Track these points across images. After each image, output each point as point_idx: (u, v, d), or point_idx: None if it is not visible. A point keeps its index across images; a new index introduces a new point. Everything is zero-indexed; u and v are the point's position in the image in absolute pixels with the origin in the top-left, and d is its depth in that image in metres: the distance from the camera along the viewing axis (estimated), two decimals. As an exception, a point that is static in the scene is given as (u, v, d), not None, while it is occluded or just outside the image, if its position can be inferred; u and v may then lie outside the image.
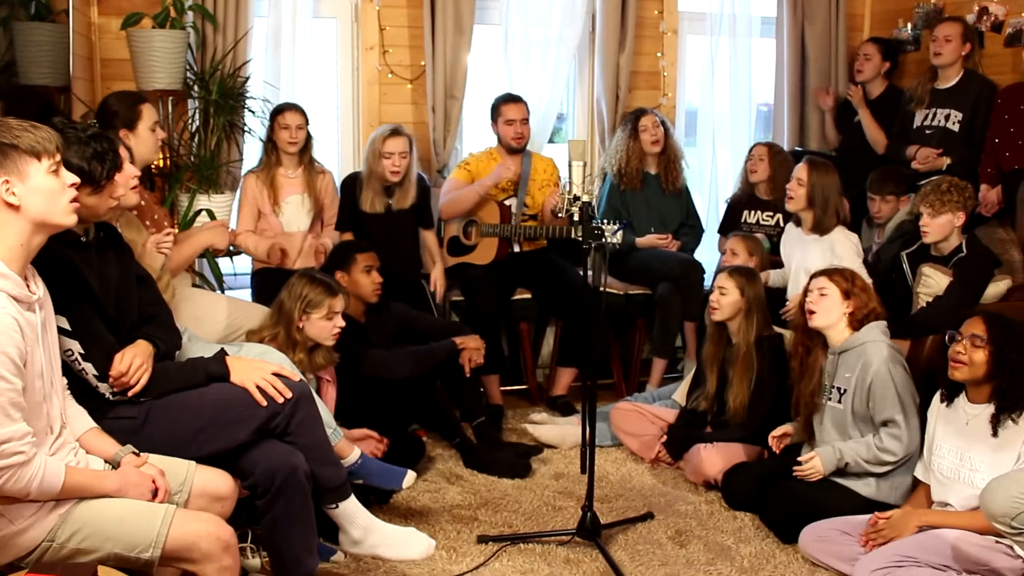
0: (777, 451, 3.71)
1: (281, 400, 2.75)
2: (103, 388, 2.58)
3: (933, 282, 4.04)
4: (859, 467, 3.42)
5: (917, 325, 3.98)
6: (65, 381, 2.51)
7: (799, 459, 3.52)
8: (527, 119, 4.89)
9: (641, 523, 3.61)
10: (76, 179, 2.31)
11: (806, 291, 3.60)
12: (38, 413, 2.28)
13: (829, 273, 3.58)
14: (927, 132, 4.93)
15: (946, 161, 4.80)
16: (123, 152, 2.98)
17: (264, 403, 2.72)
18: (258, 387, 2.73)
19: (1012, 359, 3.02)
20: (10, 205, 2.19)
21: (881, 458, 3.38)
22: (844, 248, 4.28)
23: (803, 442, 3.70)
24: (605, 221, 3.34)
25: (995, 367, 3.05)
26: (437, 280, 4.78)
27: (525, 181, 4.92)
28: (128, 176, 2.98)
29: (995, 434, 3.05)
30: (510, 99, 4.89)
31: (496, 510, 3.71)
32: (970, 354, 3.07)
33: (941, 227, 4.02)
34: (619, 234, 3.30)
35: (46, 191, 2.22)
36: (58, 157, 2.26)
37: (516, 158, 4.92)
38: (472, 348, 4.17)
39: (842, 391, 3.51)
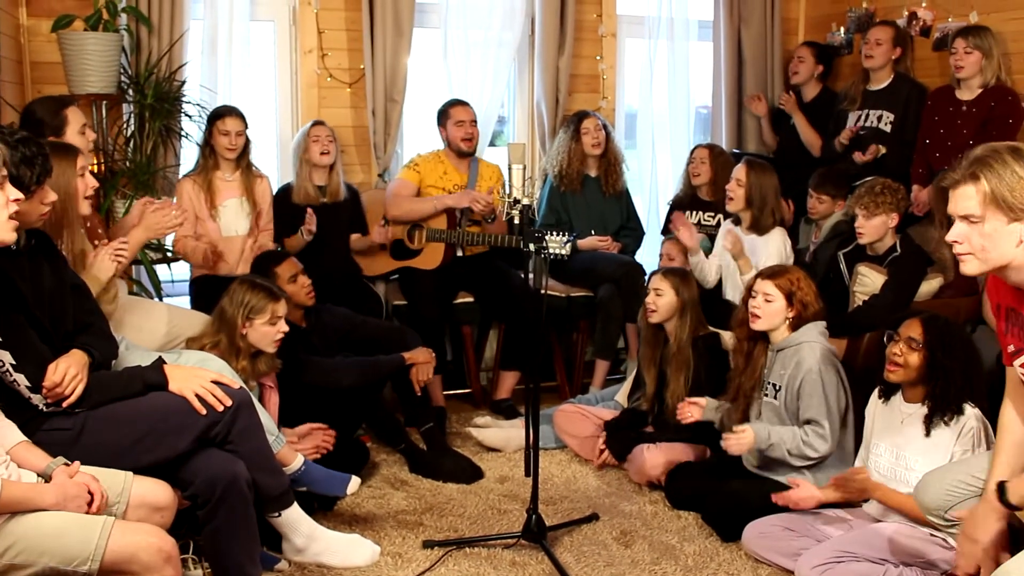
0: (682, 420, 3.73)
1: (220, 408, 2.71)
2: (36, 399, 2.52)
3: (869, 281, 4.13)
4: (780, 454, 3.45)
5: (854, 324, 4.05)
6: (-5, 391, 2.45)
7: (733, 428, 3.54)
8: (476, 120, 4.91)
9: (586, 524, 3.63)
10: (19, 195, 2.25)
11: (750, 290, 3.62)
12: None
13: (774, 276, 3.57)
14: (860, 132, 5.03)
15: (882, 149, 4.90)
16: (83, 161, 2.96)
17: (203, 411, 2.69)
18: (197, 395, 2.69)
19: (946, 365, 3.09)
20: None
21: (804, 452, 3.43)
22: (774, 248, 4.35)
23: (719, 426, 3.74)
24: (554, 232, 3.35)
25: (929, 371, 3.12)
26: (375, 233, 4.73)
27: (471, 187, 4.92)
28: (88, 186, 2.98)
29: (927, 434, 3.12)
30: (458, 102, 4.94)
31: (441, 515, 3.70)
32: (906, 356, 3.15)
33: (876, 228, 4.10)
34: (568, 246, 3.30)
35: None
36: (2, 172, 2.20)
37: (463, 164, 4.93)
38: (421, 363, 4.14)
39: (777, 387, 3.57)
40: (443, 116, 4.92)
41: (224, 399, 2.72)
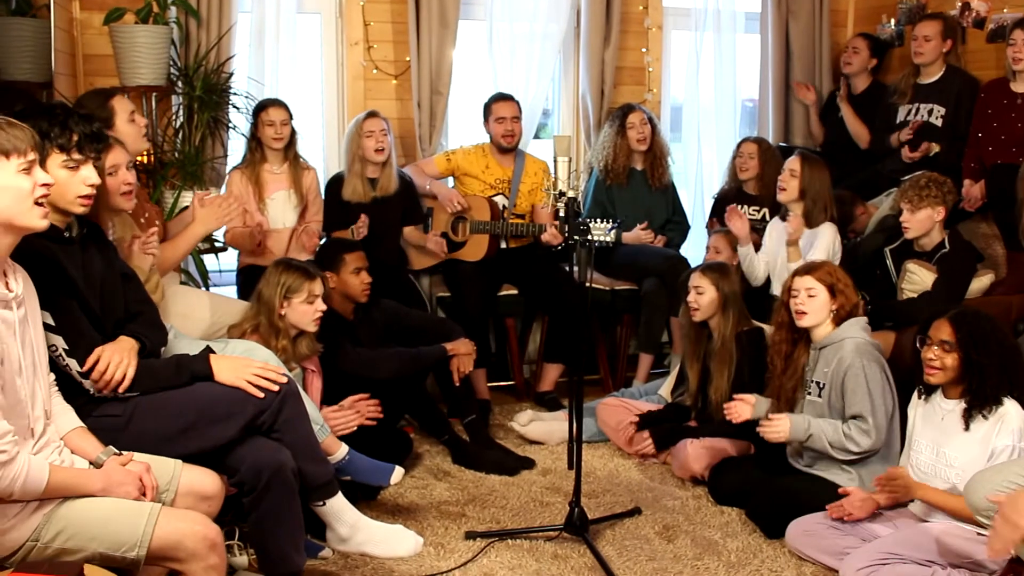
0: (731, 419, 3.67)
1: (276, 388, 2.75)
2: (87, 384, 2.57)
3: (917, 278, 4.06)
4: (822, 446, 3.41)
5: (902, 314, 3.99)
6: (53, 377, 2.49)
7: (768, 415, 3.52)
8: (518, 117, 4.89)
9: (628, 518, 3.62)
10: (50, 179, 2.26)
11: (789, 289, 3.58)
12: (19, 412, 2.26)
13: (812, 270, 3.54)
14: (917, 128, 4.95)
15: (936, 148, 4.82)
16: (115, 158, 2.94)
17: (261, 395, 2.72)
18: (248, 382, 2.73)
19: (981, 362, 3.05)
20: None
21: (845, 445, 3.38)
22: (823, 243, 4.30)
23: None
24: (598, 220, 3.35)
25: (965, 370, 3.09)
26: (431, 243, 4.74)
27: (516, 181, 4.91)
28: (120, 182, 2.96)
29: (967, 428, 3.09)
30: (501, 97, 4.91)
31: (484, 506, 3.70)
32: (942, 359, 3.11)
33: (921, 222, 4.04)
34: (612, 233, 3.30)
35: (13, 190, 2.17)
36: (31, 156, 2.20)
37: (507, 159, 4.93)
38: (462, 354, 4.14)
39: (821, 385, 3.52)
40: (487, 111, 4.92)
41: (278, 378, 2.76)
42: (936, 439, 3.17)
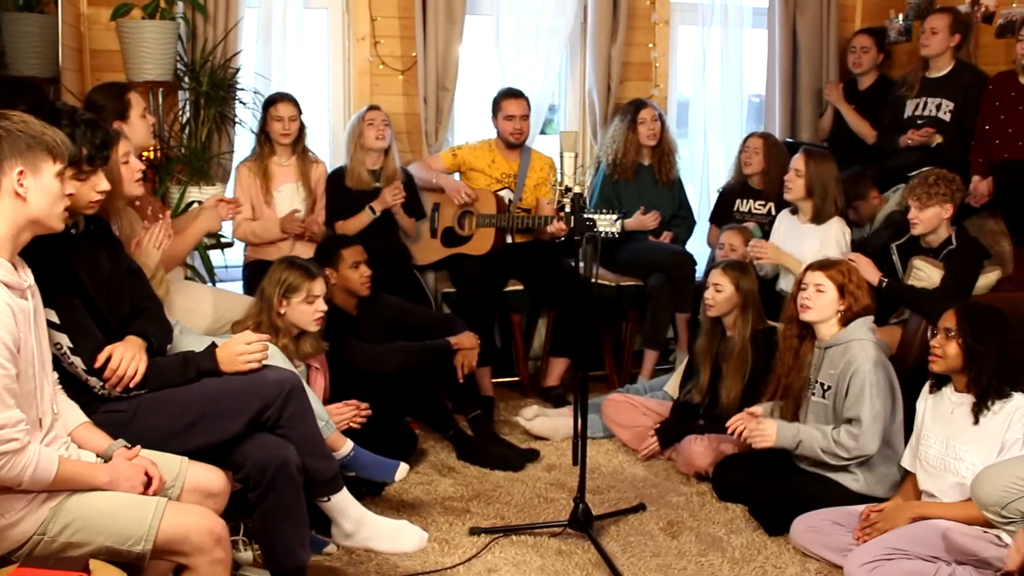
0: (736, 435, 3.61)
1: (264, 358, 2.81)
2: (93, 382, 2.57)
3: (924, 275, 4.05)
4: (813, 453, 3.42)
5: (914, 298, 3.97)
6: (56, 375, 2.50)
7: (751, 411, 3.53)
8: (527, 115, 4.88)
9: (633, 514, 3.63)
10: (73, 190, 2.34)
11: (800, 283, 3.58)
12: (29, 403, 2.26)
13: (825, 267, 3.54)
14: (918, 122, 4.93)
15: (938, 138, 4.79)
16: (126, 146, 2.98)
17: (259, 366, 2.79)
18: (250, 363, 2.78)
19: (978, 350, 3.07)
20: (17, 195, 2.21)
21: (834, 450, 3.38)
22: (832, 238, 4.30)
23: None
24: (603, 211, 3.35)
25: (966, 358, 3.10)
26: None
27: (523, 176, 4.91)
28: (133, 169, 3.01)
29: (976, 422, 3.09)
30: (511, 94, 4.88)
31: (488, 502, 3.71)
32: (944, 347, 3.13)
33: (929, 219, 4.03)
34: (618, 223, 3.31)
35: (51, 193, 2.25)
36: (58, 166, 2.27)
37: (514, 153, 4.93)
38: (467, 349, 4.14)
39: (825, 387, 3.52)
40: (495, 106, 4.90)
41: (262, 355, 2.80)
42: (945, 432, 3.18)
